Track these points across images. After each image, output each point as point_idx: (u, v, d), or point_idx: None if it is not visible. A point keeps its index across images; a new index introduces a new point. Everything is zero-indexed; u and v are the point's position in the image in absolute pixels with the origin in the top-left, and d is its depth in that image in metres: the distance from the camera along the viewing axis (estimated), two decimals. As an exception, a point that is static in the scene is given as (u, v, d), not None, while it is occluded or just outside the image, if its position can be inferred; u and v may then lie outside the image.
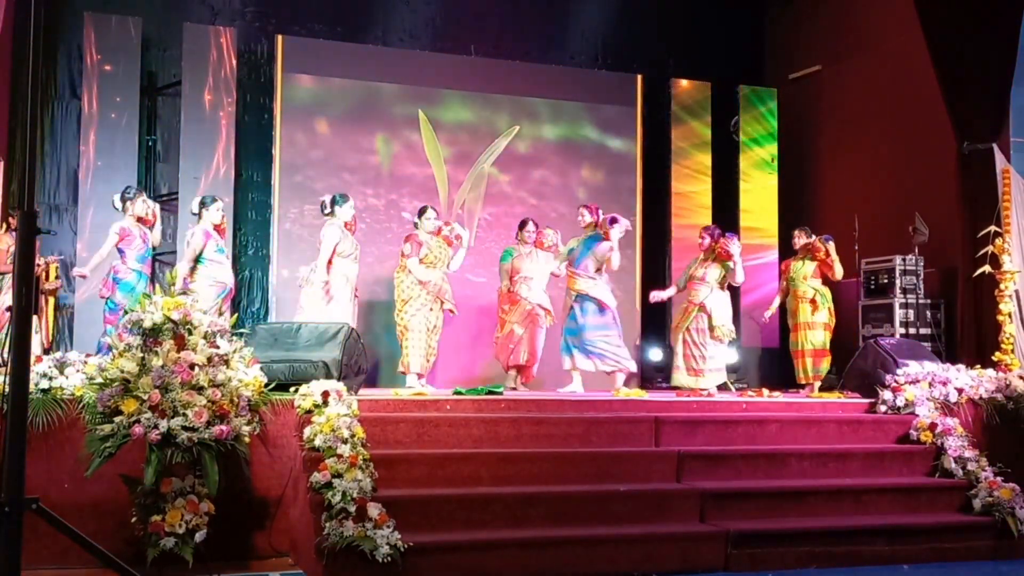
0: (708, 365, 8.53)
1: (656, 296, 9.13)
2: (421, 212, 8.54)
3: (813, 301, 8.93)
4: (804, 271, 9.02)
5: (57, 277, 8.93)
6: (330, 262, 7.96)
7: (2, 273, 8.07)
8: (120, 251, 7.87)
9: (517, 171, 11.07)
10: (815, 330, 8.97)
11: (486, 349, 9.69)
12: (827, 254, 8.92)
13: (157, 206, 8.49)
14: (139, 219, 7.99)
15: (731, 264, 8.56)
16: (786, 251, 11.53)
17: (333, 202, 8.18)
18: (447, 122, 10.85)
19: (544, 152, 11.19)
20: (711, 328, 8.55)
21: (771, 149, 11.72)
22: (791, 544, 5.85)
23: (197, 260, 7.82)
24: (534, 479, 6.04)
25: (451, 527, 5.50)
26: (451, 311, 8.45)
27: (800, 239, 9.18)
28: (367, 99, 10.59)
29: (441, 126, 10.79)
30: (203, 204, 8.08)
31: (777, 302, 9.45)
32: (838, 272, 8.98)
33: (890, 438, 7.16)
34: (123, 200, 8.01)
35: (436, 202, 10.59)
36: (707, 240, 8.85)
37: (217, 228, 8.09)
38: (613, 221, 8.63)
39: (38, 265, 9.11)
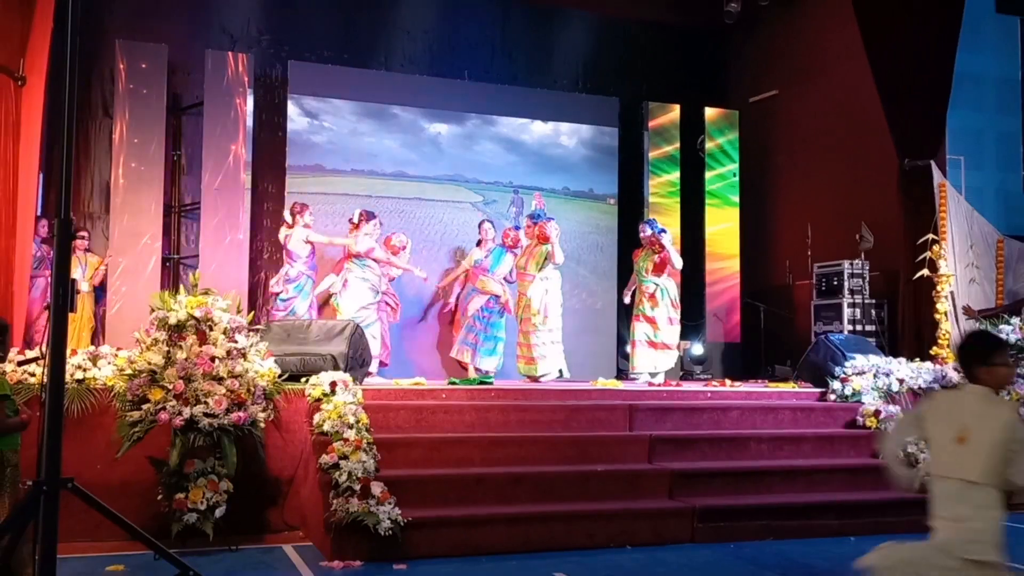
0: (536, 352, 8.32)
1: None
2: (369, 218, 8.49)
3: (652, 296, 8.60)
4: (646, 265, 8.66)
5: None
6: None
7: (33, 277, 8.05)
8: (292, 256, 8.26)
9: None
10: (649, 324, 8.60)
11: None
12: (661, 247, 8.54)
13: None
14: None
15: (549, 247, 8.35)
16: (748, 257, 11.60)
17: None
18: (442, 138, 10.84)
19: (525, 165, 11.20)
20: (533, 315, 8.35)
21: (733, 165, 11.75)
22: (751, 518, 5.87)
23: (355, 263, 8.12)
24: (521, 460, 6.04)
25: (446, 504, 5.50)
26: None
27: (643, 232, 8.81)
28: (370, 119, 10.56)
29: (435, 142, 10.77)
30: (364, 217, 8.26)
31: (628, 293, 9.17)
32: (676, 262, 8.63)
33: (839, 423, 7.19)
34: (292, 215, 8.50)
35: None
36: (531, 227, 8.63)
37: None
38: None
39: (105, 262, 9.14)
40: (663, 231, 8.74)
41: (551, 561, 5.13)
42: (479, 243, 9.41)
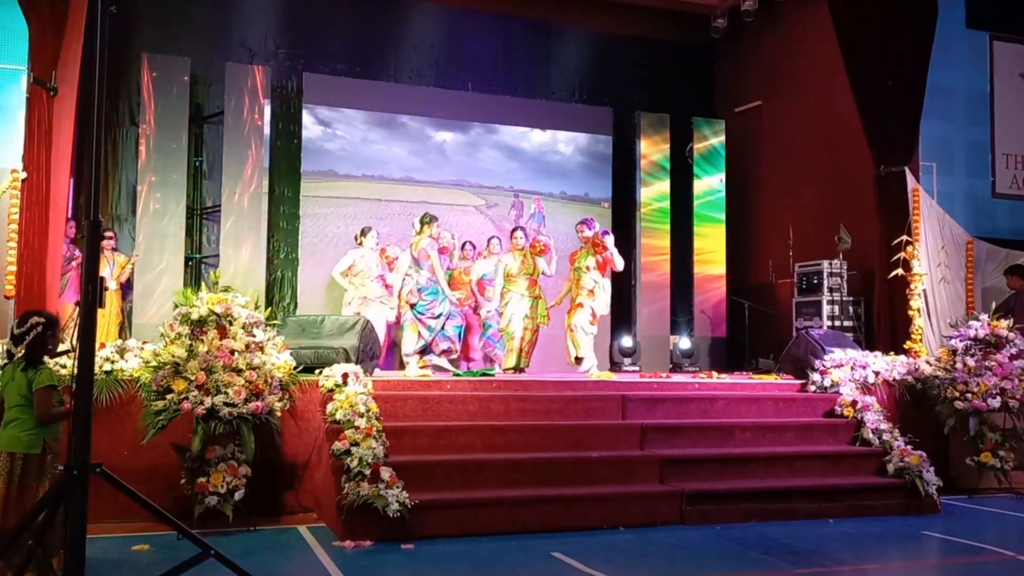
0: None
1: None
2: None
3: (592, 292, 8.25)
4: (586, 262, 8.29)
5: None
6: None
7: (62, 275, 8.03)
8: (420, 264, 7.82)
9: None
10: (585, 313, 8.18)
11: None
12: (604, 248, 8.23)
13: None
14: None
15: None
16: (733, 257, 11.59)
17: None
18: (447, 145, 10.84)
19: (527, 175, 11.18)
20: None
21: (720, 171, 11.73)
22: (736, 502, 5.87)
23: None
24: (521, 447, 6.04)
25: (450, 488, 5.50)
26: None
27: (583, 232, 8.45)
28: (380, 127, 10.58)
29: (440, 149, 10.77)
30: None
31: (564, 290, 8.70)
32: (618, 264, 8.33)
33: (818, 413, 7.18)
34: (422, 224, 7.71)
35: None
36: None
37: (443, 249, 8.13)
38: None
39: (132, 261, 9.10)
40: (606, 232, 8.42)
41: (549, 541, 5.13)
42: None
